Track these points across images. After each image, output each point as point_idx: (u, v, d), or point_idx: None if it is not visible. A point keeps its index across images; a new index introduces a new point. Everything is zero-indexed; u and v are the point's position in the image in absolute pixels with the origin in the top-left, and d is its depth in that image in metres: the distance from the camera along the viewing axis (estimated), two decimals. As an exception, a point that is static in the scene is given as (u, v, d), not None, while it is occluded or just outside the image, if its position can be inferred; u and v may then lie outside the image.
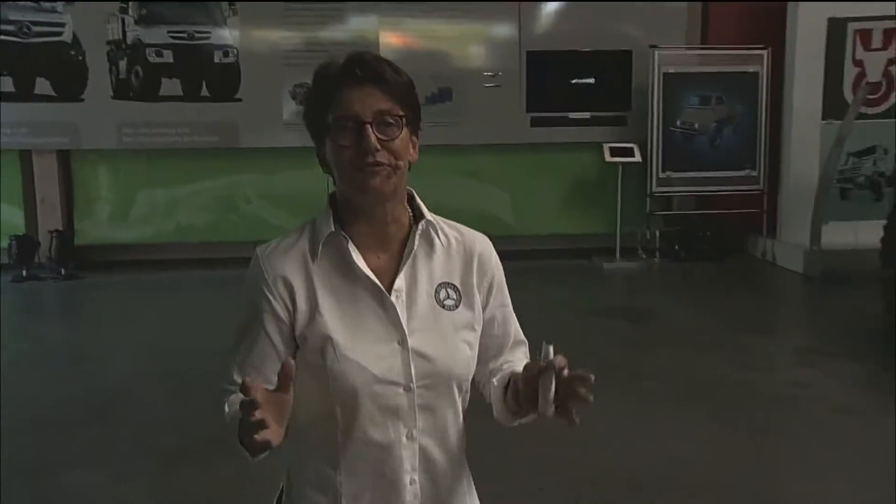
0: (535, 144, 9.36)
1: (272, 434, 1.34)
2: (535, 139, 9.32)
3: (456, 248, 1.68)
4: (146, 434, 4.57)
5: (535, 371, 1.49)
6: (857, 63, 8.66)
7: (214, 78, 8.91)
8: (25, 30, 8.45)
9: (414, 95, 1.61)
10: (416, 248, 1.62)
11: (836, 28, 8.59)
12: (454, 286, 1.66)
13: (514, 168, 9.52)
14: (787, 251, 8.72)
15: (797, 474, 4.06)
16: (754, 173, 9.12)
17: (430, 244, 1.66)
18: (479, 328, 1.67)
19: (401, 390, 1.58)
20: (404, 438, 1.60)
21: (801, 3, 8.61)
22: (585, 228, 9.35)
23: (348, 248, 1.60)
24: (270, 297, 1.59)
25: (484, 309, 1.69)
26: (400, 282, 1.61)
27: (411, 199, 1.68)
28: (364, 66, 1.55)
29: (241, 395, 1.39)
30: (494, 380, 1.70)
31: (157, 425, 4.70)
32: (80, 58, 8.65)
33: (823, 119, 8.69)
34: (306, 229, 1.65)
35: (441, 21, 9.20)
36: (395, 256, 1.64)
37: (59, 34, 8.58)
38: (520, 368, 1.63)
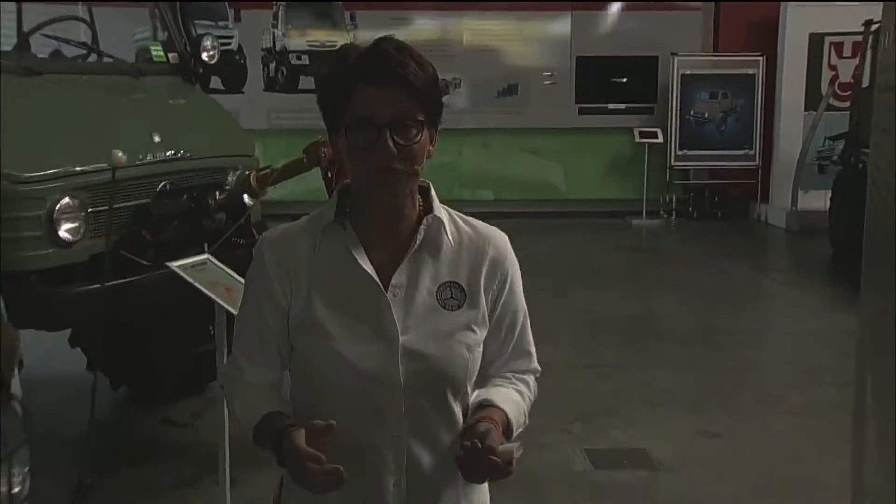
0: (581, 129, 12.05)
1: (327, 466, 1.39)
2: (582, 125, 12.03)
3: (467, 246, 1.61)
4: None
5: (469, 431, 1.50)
6: (832, 67, 11.22)
7: (339, 76, 11.79)
8: (206, 41, 11.45)
9: (437, 91, 1.52)
10: (418, 244, 1.56)
11: (816, 41, 11.15)
12: (459, 286, 1.58)
13: (566, 147, 12.21)
14: (775, 212, 11.34)
15: (734, 318, 6.82)
16: (751, 152, 11.73)
17: (437, 241, 1.58)
18: (482, 331, 1.60)
19: (389, 389, 1.52)
20: (390, 440, 1.54)
21: (789, 21, 11.21)
22: (619, 194, 12.02)
23: (348, 240, 1.55)
24: (270, 282, 1.57)
25: (493, 311, 1.62)
26: (399, 277, 1.55)
27: (426, 192, 1.61)
28: (385, 65, 1.45)
29: (248, 388, 1.60)
30: (471, 397, 1.63)
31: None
32: (243, 61, 11.66)
33: (805, 110, 11.24)
34: (314, 218, 1.61)
35: (511, 29, 11.96)
36: (400, 251, 1.56)
37: (229, 44, 11.56)
38: (495, 398, 1.61)
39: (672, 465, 4.17)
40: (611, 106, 11.98)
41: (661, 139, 11.56)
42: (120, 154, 3.56)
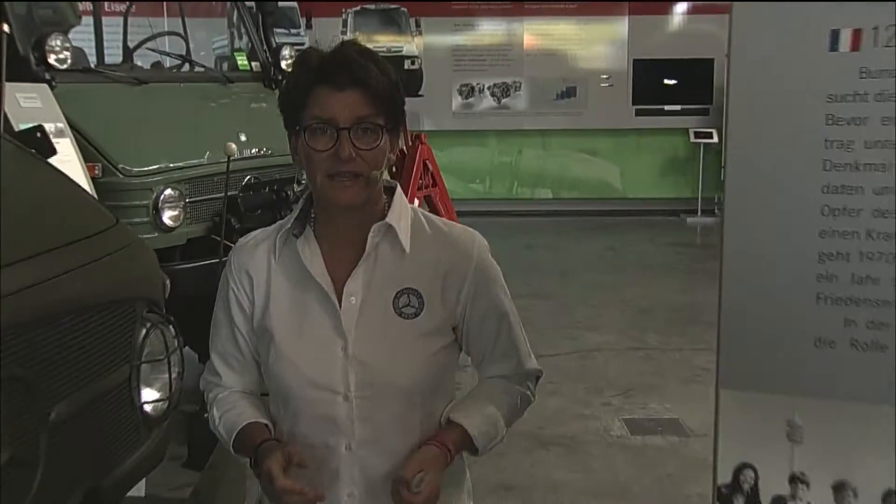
0: (638, 129, 12.39)
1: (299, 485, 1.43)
2: (639, 126, 12.36)
3: (429, 251, 1.58)
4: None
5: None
6: (887, 68, 11.39)
7: (404, 80, 12.33)
8: (279, 48, 12.14)
9: (398, 97, 1.51)
10: (369, 251, 1.55)
11: (872, 41, 11.33)
12: (417, 293, 1.56)
13: (623, 147, 12.56)
14: (829, 210, 11.54)
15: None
16: (806, 151, 11.93)
17: (394, 246, 1.56)
18: (444, 337, 1.59)
19: (339, 398, 1.52)
20: (343, 449, 1.54)
21: (844, 23, 11.41)
22: (675, 193, 12.31)
23: (297, 248, 1.55)
24: (235, 290, 1.60)
25: (464, 314, 1.60)
26: (353, 285, 1.54)
27: (392, 194, 1.59)
28: (347, 68, 1.46)
29: (227, 396, 1.62)
30: (448, 406, 1.62)
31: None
32: (312, 67, 12.28)
33: (860, 110, 11.44)
34: (280, 223, 1.62)
35: (570, 33, 12.37)
36: (358, 258, 1.56)
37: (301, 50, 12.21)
38: (460, 414, 1.59)
39: (703, 432, 4.56)
40: (667, 107, 12.29)
41: (716, 139, 11.82)
42: (233, 146, 4.14)
